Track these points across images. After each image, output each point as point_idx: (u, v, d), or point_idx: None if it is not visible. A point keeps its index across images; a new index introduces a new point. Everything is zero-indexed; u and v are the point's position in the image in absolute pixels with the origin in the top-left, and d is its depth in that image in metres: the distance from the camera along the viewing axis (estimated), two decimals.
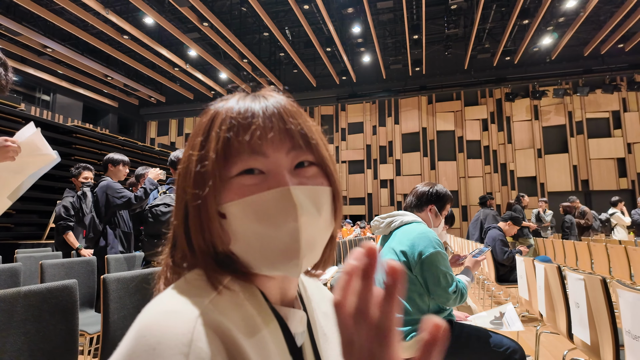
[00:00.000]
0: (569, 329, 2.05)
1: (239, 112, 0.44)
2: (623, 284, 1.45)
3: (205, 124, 0.45)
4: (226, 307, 0.40)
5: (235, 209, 0.42)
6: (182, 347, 0.33)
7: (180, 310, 0.37)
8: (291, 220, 0.41)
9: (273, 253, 0.42)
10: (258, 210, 0.41)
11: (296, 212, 0.41)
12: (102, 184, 3.16)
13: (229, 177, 0.43)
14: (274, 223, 0.41)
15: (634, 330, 1.31)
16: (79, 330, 1.54)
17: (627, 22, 10.28)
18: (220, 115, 0.45)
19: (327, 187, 0.46)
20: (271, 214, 0.41)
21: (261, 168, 0.43)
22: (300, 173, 0.44)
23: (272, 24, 10.47)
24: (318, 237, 0.44)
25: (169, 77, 14.60)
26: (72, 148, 7.80)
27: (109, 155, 3.31)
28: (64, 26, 10.12)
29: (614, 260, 4.11)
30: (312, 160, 0.46)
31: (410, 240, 1.73)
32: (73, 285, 1.39)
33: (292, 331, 0.46)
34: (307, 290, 0.55)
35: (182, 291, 0.40)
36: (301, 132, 0.45)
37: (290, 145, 0.44)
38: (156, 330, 0.34)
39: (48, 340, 1.29)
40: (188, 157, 0.45)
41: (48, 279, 2.30)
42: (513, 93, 13.20)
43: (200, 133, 0.45)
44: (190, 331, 0.35)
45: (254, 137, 0.42)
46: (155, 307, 0.37)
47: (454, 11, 10.80)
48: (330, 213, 0.47)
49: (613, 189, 12.13)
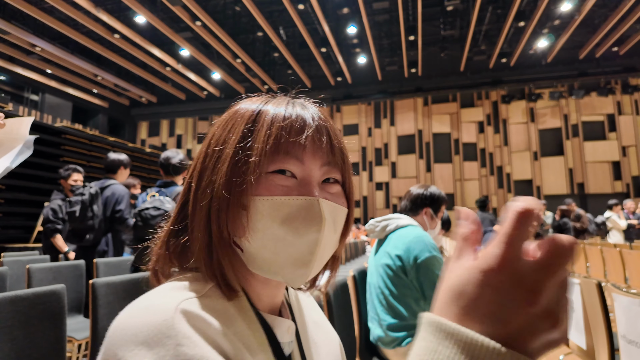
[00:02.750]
0: None
1: (292, 115, 0.45)
2: (618, 287, 1.47)
3: (248, 114, 0.46)
4: (210, 306, 0.40)
5: (263, 205, 0.42)
6: (166, 330, 0.34)
7: (158, 304, 0.37)
8: (314, 232, 0.42)
9: (285, 258, 0.43)
10: (285, 212, 0.42)
11: (321, 224, 0.42)
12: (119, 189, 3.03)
13: (264, 171, 0.43)
14: (297, 230, 0.42)
15: (629, 334, 1.31)
16: (67, 337, 1.54)
17: (621, 25, 10.30)
18: (268, 112, 0.45)
19: (345, 208, 0.48)
20: (297, 220, 0.42)
21: (295, 172, 0.44)
22: (325, 187, 0.46)
23: (266, 23, 10.37)
24: (327, 253, 0.46)
25: (161, 77, 14.45)
26: (61, 149, 7.65)
27: (120, 156, 3.15)
28: (54, 25, 9.96)
29: (609, 263, 4.12)
30: (338, 179, 0.48)
31: (405, 245, 1.71)
32: (61, 290, 1.37)
33: (278, 340, 0.46)
34: (293, 299, 0.56)
35: (165, 290, 0.41)
36: (341, 152, 0.48)
37: (327, 160, 0.46)
38: (137, 322, 0.35)
39: (35, 346, 1.28)
40: (224, 140, 0.45)
41: (35, 284, 2.28)
42: (509, 95, 13.20)
43: (244, 122, 0.45)
44: (171, 317, 0.35)
45: (304, 143, 0.44)
46: (134, 304, 0.38)
47: (450, 13, 10.77)
48: (340, 233, 0.48)
49: (608, 192, 12.13)
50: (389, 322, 1.68)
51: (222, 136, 0.45)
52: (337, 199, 0.47)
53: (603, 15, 10.76)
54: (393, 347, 1.67)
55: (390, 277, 1.72)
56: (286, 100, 0.48)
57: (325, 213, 0.43)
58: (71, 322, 2.47)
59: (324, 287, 0.55)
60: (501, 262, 0.26)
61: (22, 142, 1.45)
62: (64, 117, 13.70)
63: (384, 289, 1.73)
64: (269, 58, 13.45)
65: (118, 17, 10.21)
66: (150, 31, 11.13)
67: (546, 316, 0.26)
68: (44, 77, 12.86)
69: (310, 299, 0.62)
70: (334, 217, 0.45)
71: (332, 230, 0.45)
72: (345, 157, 0.48)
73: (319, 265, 0.44)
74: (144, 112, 16.61)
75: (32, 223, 6.64)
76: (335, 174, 0.47)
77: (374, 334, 1.75)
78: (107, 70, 13.13)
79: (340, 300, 1.61)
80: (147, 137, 16.86)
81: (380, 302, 1.74)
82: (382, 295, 1.74)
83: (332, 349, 0.56)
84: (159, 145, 16.02)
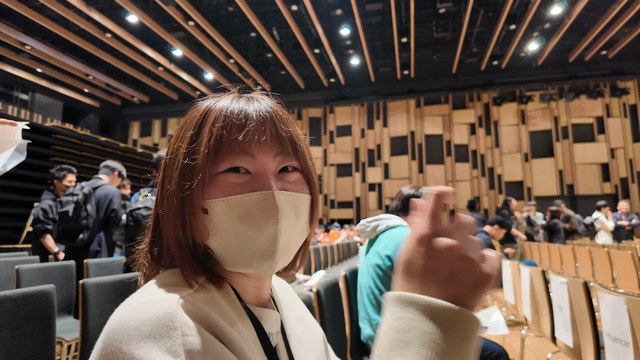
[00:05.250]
0: (552, 332, 2.07)
1: (233, 112, 0.45)
2: (605, 287, 1.46)
3: (196, 118, 0.46)
4: (202, 301, 0.41)
5: (219, 206, 0.43)
6: (170, 322, 0.35)
7: (159, 299, 0.38)
8: (272, 224, 0.43)
9: (250, 253, 0.44)
10: (241, 210, 0.43)
11: (277, 217, 0.43)
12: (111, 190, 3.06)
13: (215, 173, 0.44)
14: (255, 225, 0.43)
15: (614, 332, 1.33)
16: (57, 338, 1.51)
17: (610, 29, 10.46)
18: (213, 112, 0.46)
19: (307, 195, 0.49)
20: (254, 215, 0.43)
21: (248, 168, 0.45)
22: (283, 177, 0.47)
23: (259, 24, 10.36)
24: (294, 241, 0.47)
25: (153, 77, 14.34)
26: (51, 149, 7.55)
27: (118, 164, 3.30)
28: (44, 23, 9.85)
29: (597, 263, 4.16)
30: (296, 167, 0.48)
31: (395, 245, 1.73)
32: (50, 290, 1.35)
33: (266, 331, 0.47)
34: (277, 294, 0.57)
35: (159, 287, 0.41)
36: (290, 139, 0.47)
37: (278, 150, 0.46)
38: (139, 316, 0.35)
39: (24, 348, 1.26)
40: (176, 149, 0.46)
41: (24, 285, 2.25)
42: (500, 97, 13.32)
43: (191, 127, 0.46)
44: (174, 309, 0.36)
45: (246, 139, 0.44)
46: (132, 301, 0.38)
47: (443, 15, 10.85)
48: (307, 219, 0.49)
49: (597, 193, 12.30)
50: (379, 322, 1.70)
51: (176, 144, 0.47)
52: (297, 187, 0.47)
53: (592, 19, 10.92)
54: None
55: (380, 277, 1.74)
56: (231, 96, 0.48)
57: (281, 204, 0.43)
58: (61, 323, 2.47)
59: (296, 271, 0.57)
60: (430, 228, 0.34)
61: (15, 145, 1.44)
62: (55, 116, 13.53)
63: (374, 288, 1.75)
64: (262, 59, 13.43)
65: (110, 16, 10.11)
66: (142, 31, 11.05)
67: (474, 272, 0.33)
68: (34, 76, 12.69)
69: (294, 294, 0.63)
70: (294, 206, 0.46)
71: (294, 219, 0.45)
72: (296, 144, 0.47)
73: (284, 254, 0.45)
74: (136, 112, 16.46)
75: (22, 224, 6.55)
76: (291, 161, 0.47)
77: (365, 333, 1.77)
78: (98, 69, 13.00)
79: (331, 300, 1.62)
80: (139, 137, 16.71)
81: (371, 302, 1.76)
82: (372, 295, 1.75)
83: (315, 343, 0.57)
84: (151, 146, 15.87)
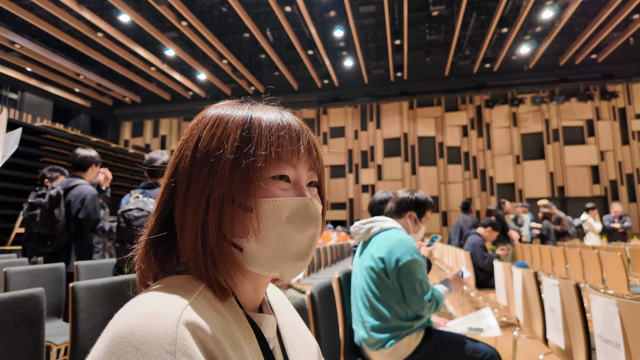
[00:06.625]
0: (544, 334, 2.07)
1: (289, 125, 0.50)
2: (595, 288, 1.47)
3: (242, 121, 0.48)
4: (205, 310, 0.41)
5: (269, 206, 0.46)
6: (168, 346, 0.35)
7: (161, 312, 0.38)
8: (312, 227, 0.48)
9: (285, 253, 0.47)
10: (288, 212, 0.47)
11: (318, 221, 0.49)
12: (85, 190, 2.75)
13: (267, 176, 0.47)
14: (299, 227, 0.47)
15: (605, 334, 1.33)
16: (46, 342, 1.50)
17: (600, 33, 10.61)
18: (261, 120, 0.48)
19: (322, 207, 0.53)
20: (299, 218, 0.47)
21: (291, 177, 0.49)
22: (308, 190, 0.51)
23: (253, 25, 10.32)
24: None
25: (145, 77, 14.22)
26: (41, 149, 7.44)
27: (91, 152, 2.87)
28: (34, 22, 9.71)
29: (588, 265, 4.20)
30: (317, 183, 0.54)
31: (388, 247, 1.73)
32: (40, 294, 1.34)
33: (265, 336, 0.49)
34: (271, 299, 0.59)
35: (161, 295, 0.41)
36: (319, 159, 0.53)
37: (311, 166, 0.52)
38: (138, 331, 0.35)
39: (12, 352, 1.25)
40: (218, 145, 0.46)
41: (12, 287, 2.24)
42: (492, 100, 13.43)
43: (238, 127, 0.47)
44: (174, 330, 0.36)
45: (300, 151, 0.49)
46: (134, 309, 0.38)
47: (435, 18, 10.92)
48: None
49: (587, 195, 12.45)
50: (372, 324, 1.70)
51: (214, 141, 0.47)
52: (317, 200, 0.53)
53: (582, 24, 11.07)
54: (377, 348, 1.68)
55: (373, 279, 1.73)
56: (274, 108, 0.52)
57: (317, 211, 0.49)
58: (50, 326, 2.42)
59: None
60: None
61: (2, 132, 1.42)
62: (44, 116, 13.34)
63: (367, 291, 1.74)
64: (256, 59, 13.39)
65: (101, 16, 10.01)
66: (134, 30, 10.95)
67: None
68: (23, 75, 12.50)
69: (286, 301, 0.64)
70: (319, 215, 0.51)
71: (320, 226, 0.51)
72: (322, 166, 0.54)
73: (312, 257, 0.50)
74: (128, 112, 16.28)
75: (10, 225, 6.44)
76: (315, 178, 0.53)
77: (358, 335, 1.76)
78: (89, 69, 12.85)
79: (325, 302, 1.61)
80: (131, 138, 16.54)
81: (364, 304, 1.75)
82: (365, 297, 1.75)
83: (310, 351, 0.58)
84: (143, 146, 15.74)
